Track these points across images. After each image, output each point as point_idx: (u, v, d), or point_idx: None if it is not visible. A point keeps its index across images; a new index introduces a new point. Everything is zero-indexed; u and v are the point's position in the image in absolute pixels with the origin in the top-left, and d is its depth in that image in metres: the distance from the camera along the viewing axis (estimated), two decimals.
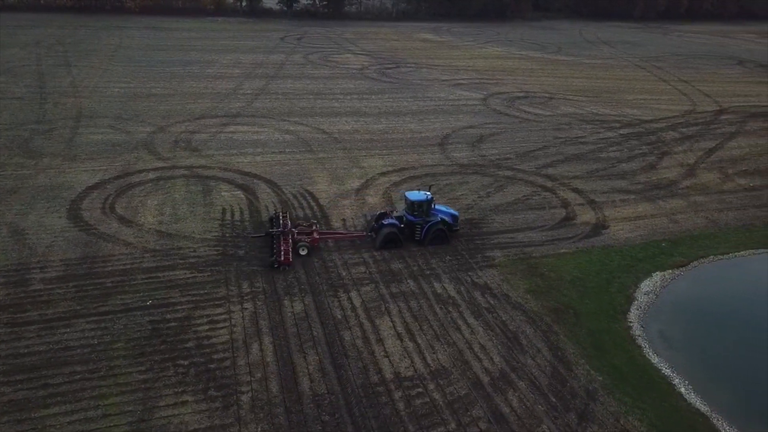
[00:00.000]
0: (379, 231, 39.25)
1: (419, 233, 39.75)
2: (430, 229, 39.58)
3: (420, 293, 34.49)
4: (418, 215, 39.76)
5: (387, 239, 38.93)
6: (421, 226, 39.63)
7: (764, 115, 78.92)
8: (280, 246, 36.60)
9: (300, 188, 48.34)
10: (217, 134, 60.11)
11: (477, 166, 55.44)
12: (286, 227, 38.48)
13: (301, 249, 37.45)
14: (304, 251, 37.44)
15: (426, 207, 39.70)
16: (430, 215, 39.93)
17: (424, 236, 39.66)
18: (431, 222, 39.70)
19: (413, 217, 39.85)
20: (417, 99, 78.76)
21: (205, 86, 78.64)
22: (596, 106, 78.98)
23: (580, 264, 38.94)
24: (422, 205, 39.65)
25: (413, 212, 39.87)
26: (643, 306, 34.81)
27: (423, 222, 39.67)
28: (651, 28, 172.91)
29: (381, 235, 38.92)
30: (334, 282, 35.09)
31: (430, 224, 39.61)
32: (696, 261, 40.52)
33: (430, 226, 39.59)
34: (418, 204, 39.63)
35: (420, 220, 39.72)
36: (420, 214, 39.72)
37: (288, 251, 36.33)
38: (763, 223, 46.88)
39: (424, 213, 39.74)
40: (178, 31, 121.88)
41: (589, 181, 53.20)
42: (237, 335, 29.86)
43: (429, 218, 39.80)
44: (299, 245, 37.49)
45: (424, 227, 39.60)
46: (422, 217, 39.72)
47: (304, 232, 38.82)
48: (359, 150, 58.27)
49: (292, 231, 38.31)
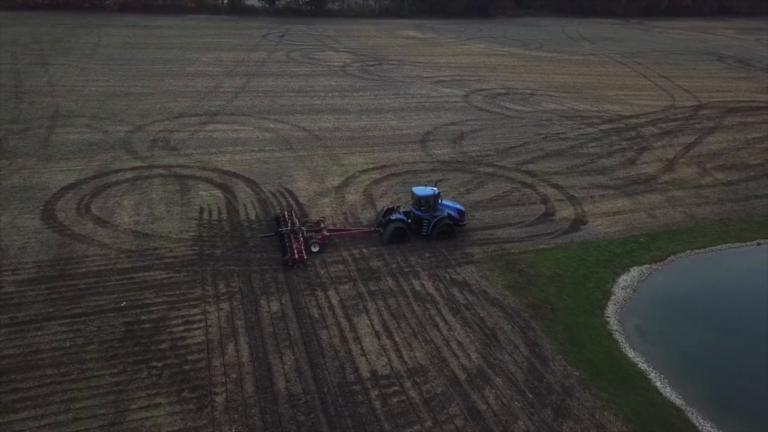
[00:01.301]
0: (386, 226, 39.74)
1: (426, 228, 40.25)
2: (437, 224, 40.10)
3: (398, 291, 34.39)
4: (425, 210, 40.20)
5: (395, 234, 39.37)
6: (428, 221, 40.14)
7: (742, 110, 79.76)
8: (293, 245, 37.03)
9: (279, 186, 48.00)
10: (196, 133, 59.53)
11: (457, 163, 55.42)
12: (295, 226, 39.04)
13: (312, 246, 37.93)
14: (316, 248, 37.95)
15: (433, 202, 40.23)
16: (437, 210, 40.41)
17: (431, 231, 40.17)
18: (438, 217, 40.22)
19: (420, 212, 40.30)
20: (399, 96, 78.61)
21: (184, 84, 77.87)
22: (577, 102, 79.35)
23: (558, 260, 39.06)
24: (429, 200, 40.12)
25: (420, 207, 40.33)
26: (620, 301, 34.98)
27: (430, 217, 40.13)
28: (632, 24, 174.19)
29: (389, 231, 39.32)
30: (312, 281, 34.87)
31: (437, 219, 40.15)
32: (673, 255, 40.80)
33: (437, 221, 40.10)
34: (425, 199, 40.09)
35: (427, 215, 40.15)
36: (427, 209, 40.17)
37: (301, 249, 36.79)
38: (739, 218, 47.34)
39: (431, 208, 40.22)
40: (158, 29, 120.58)
41: (569, 177, 53.41)
42: (212, 336, 29.56)
43: (436, 213, 40.29)
44: (311, 243, 37.93)
45: (432, 222, 40.12)
46: (429, 212, 40.17)
47: (313, 230, 39.34)
48: (340, 148, 58.02)
49: (302, 229, 38.85)
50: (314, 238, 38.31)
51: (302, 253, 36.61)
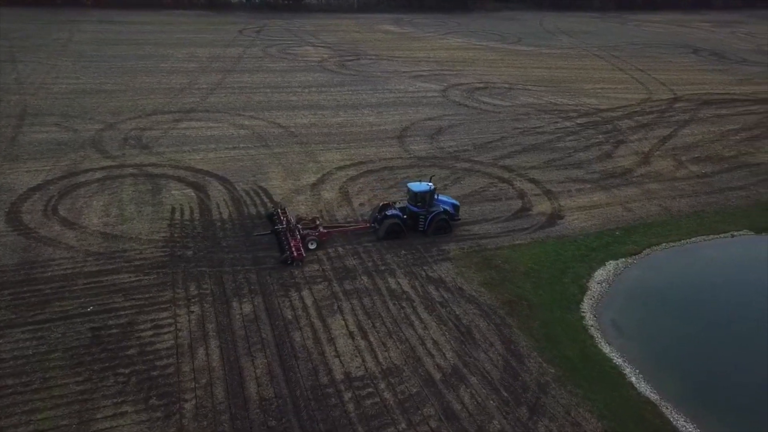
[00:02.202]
0: (382, 222, 39.57)
1: (422, 224, 40.13)
2: (433, 219, 39.99)
3: (374, 290, 33.93)
4: (420, 206, 40.04)
5: (390, 230, 39.24)
6: (424, 217, 40.01)
7: (716, 102, 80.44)
8: (290, 242, 36.65)
9: (253, 185, 47.22)
10: (169, 131, 58.40)
11: (435, 159, 55.05)
12: (291, 223, 38.69)
13: (310, 243, 37.64)
14: (313, 245, 37.69)
15: (429, 197, 40.04)
16: (432, 205, 40.31)
17: (427, 226, 40.07)
18: (434, 212, 40.14)
19: (416, 208, 40.14)
20: (376, 91, 77.99)
21: (158, 81, 76.43)
22: (555, 96, 79.41)
23: (534, 255, 38.89)
24: (425, 195, 39.91)
25: (416, 203, 40.14)
26: (596, 295, 34.89)
27: (426, 212, 40.00)
28: (609, 17, 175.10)
29: (384, 226, 39.20)
30: (285, 281, 34.26)
31: (433, 214, 40.06)
32: (648, 249, 40.85)
33: (433, 217, 40.00)
34: (421, 195, 39.89)
35: (423, 210, 40.01)
36: (423, 204, 40.02)
37: (299, 247, 36.43)
38: (713, 210, 47.61)
39: (427, 203, 40.07)
40: (132, 24, 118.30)
41: (545, 171, 53.33)
42: (182, 340, 28.86)
43: (432, 208, 40.19)
44: (308, 240, 37.62)
45: (428, 218, 40.00)
46: (425, 207, 40.04)
47: (308, 227, 38.98)
48: (316, 144, 57.32)
49: (298, 227, 38.46)
50: (311, 235, 38.00)
51: (300, 251, 36.26)
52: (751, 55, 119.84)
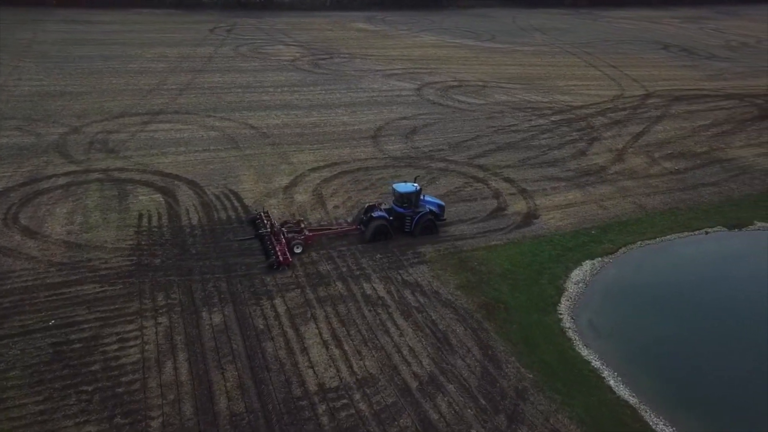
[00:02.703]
0: (368, 224, 39.03)
1: (409, 224, 39.73)
2: (419, 220, 39.64)
3: (349, 296, 33.16)
4: (407, 207, 39.69)
5: (377, 232, 38.80)
6: (410, 218, 39.62)
7: (687, 98, 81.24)
8: (275, 247, 35.82)
9: (224, 188, 46.05)
10: (136, 133, 56.79)
11: (410, 159, 54.43)
12: (275, 227, 37.90)
13: (296, 247, 36.85)
14: (299, 249, 36.95)
15: (414, 198, 39.75)
16: (419, 206, 39.92)
17: (413, 227, 39.68)
18: (420, 213, 39.83)
19: (402, 209, 39.74)
20: (350, 90, 77.11)
21: (126, 82, 74.47)
22: (529, 94, 79.39)
23: (511, 256, 38.50)
24: (411, 196, 39.61)
25: (402, 204, 39.77)
26: (573, 297, 34.60)
27: (412, 213, 39.60)
28: (581, 14, 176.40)
29: (371, 228, 38.68)
30: (257, 289, 33.28)
31: (419, 215, 39.71)
32: (624, 247, 40.77)
33: (419, 217, 39.63)
34: (407, 195, 39.57)
35: (409, 211, 39.62)
36: (409, 205, 39.65)
37: (285, 251, 35.58)
38: (687, 206, 47.82)
39: (413, 204, 39.74)
40: (100, 24, 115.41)
41: (520, 170, 53.09)
42: (149, 354, 27.76)
43: (418, 209, 39.80)
44: (293, 243, 36.78)
45: (414, 218, 39.62)
46: (411, 208, 39.67)
47: (293, 230, 38.29)
48: (288, 145, 56.27)
49: (282, 231, 37.64)
50: (296, 238, 37.24)
51: (287, 255, 35.49)
52: (719, 50, 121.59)
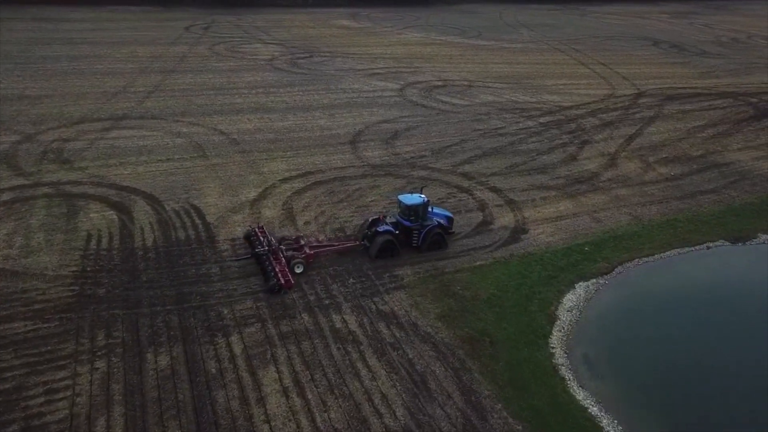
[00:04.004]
0: (373, 239, 35.87)
1: (416, 239, 36.67)
2: (427, 234, 36.66)
3: (315, 330, 29.51)
4: (414, 220, 36.62)
5: (384, 248, 35.79)
6: (418, 231, 36.57)
7: (680, 97, 78.22)
8: (274, 267, 32.48)
9: (185, 203, 42.18)
10: (96, 141, 52.70)
11: (390, 167, 50.81)
12: (272, 245, 34.46)
13: (296, 267, 33.54)
14: (300, 269, 33.68)
15: (422, 211, 36.73)
16: (426, 219, 36.85)
17: (421, 242, 36.64)
18: (429, 226, 36.79)
19: (409, 222, 36.62)
20: (329, 91, 73.30)
21: (90, 84, 70.15)
22: (516, 93, 75.96)
23: (497, 278, 35.03)
24: (418, 208, 36.55)
25: (409, 217, 36.65)
26: (566, 326, 31.17)
27: (420, 227, 36.55)
28: (569, 9, 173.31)
29: (377, 244, 35.60)
30: (212, 323, 29.55)
31: (428, 228, 36.70)
32: (620, 266, 37.42)
33: (427, 231, 36.62)
34: (414, 208, 36.51)
35: (416, 224, 36.57)
36: (416, 218, 36.58)
37: (286, 272, 32.33)
38: (685, 218, 44.56)
39: (421, 217, 36.67)
40: (69, 22, 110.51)
41: (507, 178, 49.64)
42: (80, 408, 23.98)
43: (426, 222, 36.72)
44: (294, 263, 33.43)
45: (422, 232, 36.59)
46: (419, 221, 36.60)
47: (292, 247, 35.02)
48: (260, 152, 52.45)
49: (281, 248, 34.33)
50: (297, 257, 33.93)
51: (288, 277, 32.23)
52: (710, 46, 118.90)
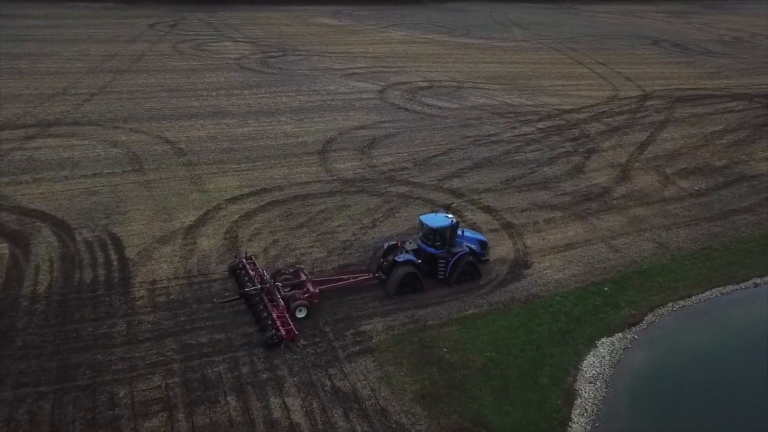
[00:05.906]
0: (391, 271, 28.42)
1: (443, 270, 29.57)
2: (457, 262, 29.46)
3: (243, 424, 21.07)
4: (440, 246, 29.16)
5: (404, 282, 28.45)
6: (445, 260, 29.09)
7: (690, 99, 70.60)
8: (271, 313, 24.70)
9: (103, 230, 33.60)
10: (11, 152, 43.96)
11: (364, 182, 42.52)
12: (265, 281, 26.56)
13: (298, 310, 25.75)
14: (302, 313, 25.88)
15: (450, 235, 29.63)
16: (454, 245, 29.40)
17: (450, 273, 29.55)
18: (459, 253, 29.58)
19: (434, 249, 29.17)
20: (300, 93, 64.93)
21: (26, 86, 61.28)
22: (510, 96, 67.96)
23: (495, 334, 26.77)
24: (445, 232, 29.35)
25: (434, 242, 29.25)
26: (589, 406, 22.97)
27: (447, 254, 29.10)
28: (562, 8, 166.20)
29: (396, 278, 28.20)
30: (99, 414, 20.98)
31: (457, 256, 29.50)
32: (651, 313, 29.29)
33: (457, 259, 29.28)
34: (441, 231, 29.18)
35: (443, 252, 29.17)
36: (443, 244, 29.19)
37: (286, 319, 24.52)
38: (722, 244, 36.59)
39: (448, 243, 29.24)
40: (19, 18, 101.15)
41: (503, 195, 41.51)
42: None
43: (454, 249, 29.25)
44: (295, 305, 25.62)
45: (450, 261, 29.24)
46: (445, 248, 29.17)
47: (290, 283, 27.20)
48: (208, 164, 44.00)
49: (278, 285, 26.41)
50: (298, 297, 26.04)
51: (291, 327, 24.44)
52: (713, 45, 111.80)
